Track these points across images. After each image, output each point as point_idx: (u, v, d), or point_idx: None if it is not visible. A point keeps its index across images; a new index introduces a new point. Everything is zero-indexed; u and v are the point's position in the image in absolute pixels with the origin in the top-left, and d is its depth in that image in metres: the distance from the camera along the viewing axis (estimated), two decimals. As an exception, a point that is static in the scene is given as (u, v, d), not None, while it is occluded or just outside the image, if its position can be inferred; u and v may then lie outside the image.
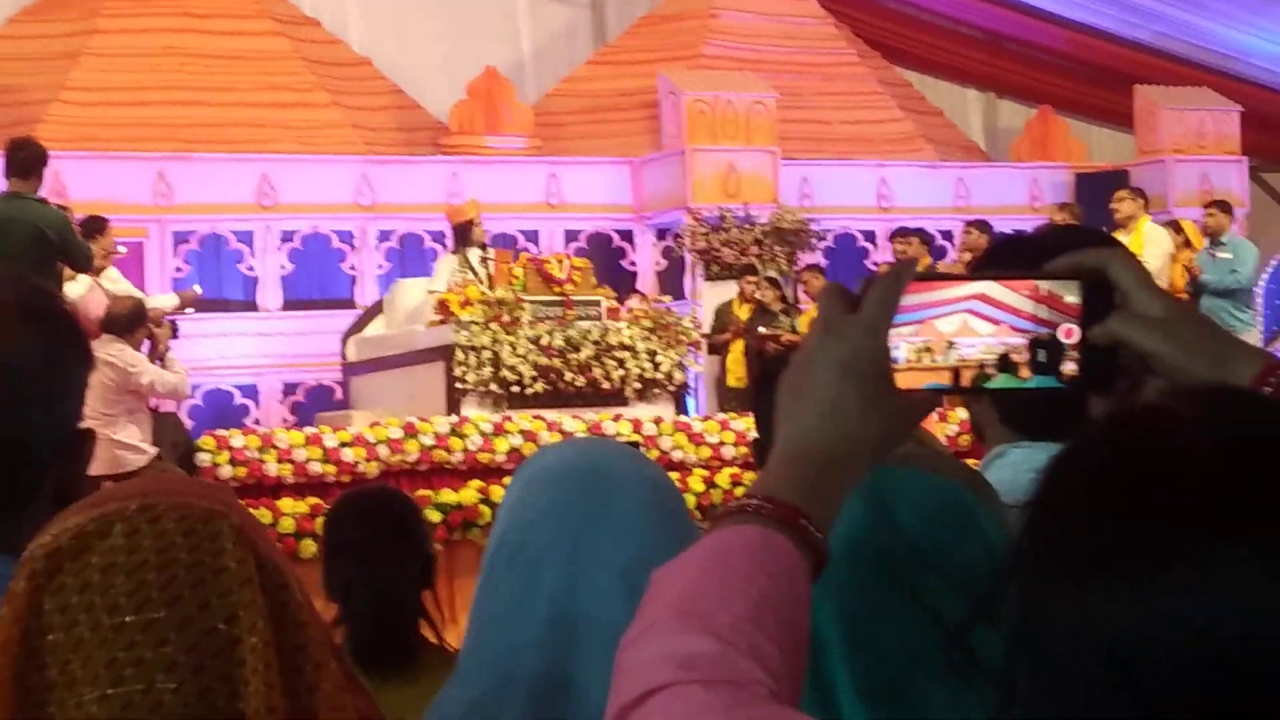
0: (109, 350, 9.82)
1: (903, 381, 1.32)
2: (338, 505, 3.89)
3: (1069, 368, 1.32)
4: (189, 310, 12.17)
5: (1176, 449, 0.97)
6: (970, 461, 2.11)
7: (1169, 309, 1.32)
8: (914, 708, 1.51)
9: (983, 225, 14.47)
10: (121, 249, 12.00)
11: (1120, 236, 13.12)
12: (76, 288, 10.59)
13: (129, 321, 10.06)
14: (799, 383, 1.31)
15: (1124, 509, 0.96)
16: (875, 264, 16.70)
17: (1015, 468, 2.05)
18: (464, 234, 13.40)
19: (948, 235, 17.38)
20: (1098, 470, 0.99)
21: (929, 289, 1.34)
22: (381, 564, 3.58)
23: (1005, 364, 1.33)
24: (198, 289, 13.37)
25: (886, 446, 1.33)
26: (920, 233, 14.88)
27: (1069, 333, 1.32)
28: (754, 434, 4.50)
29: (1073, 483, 1.00)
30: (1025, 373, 1.33)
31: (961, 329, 1.33)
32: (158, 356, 10.54)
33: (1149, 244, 13.25)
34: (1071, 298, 1.32)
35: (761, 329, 14.24)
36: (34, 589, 1.14)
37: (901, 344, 1.33)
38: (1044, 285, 1.33)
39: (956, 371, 1.33)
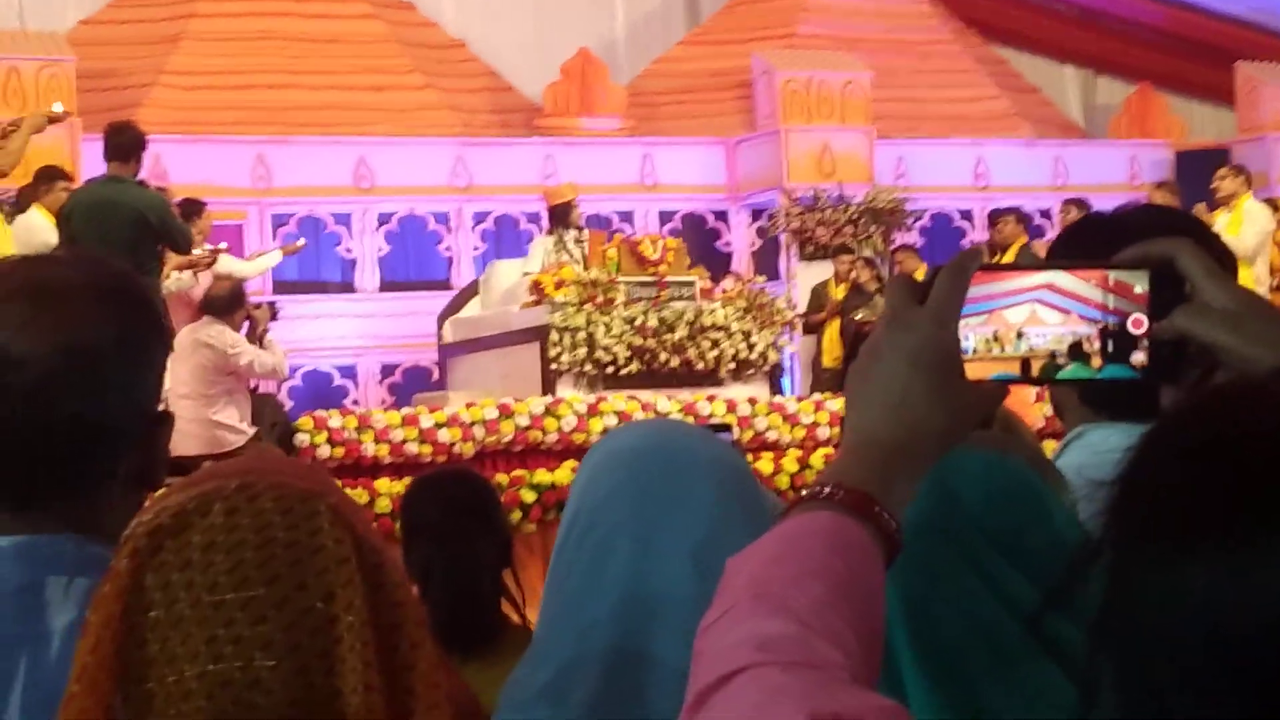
0: (208, 332, 9.94)
1: (971, 372, 1.33)
2: (415, 487, 3.91)
3: (1139, 357, 1.32)
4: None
5: (1271, 423, 0.97)
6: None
7: (1237, 300, 1.31)
8: (976, 688, 1.51)
9: (1081, 203, 14.33)
10: (223, 244, 12.11)
11: (1221, 215, 12.98)
12: (180, 283, 10.72)
13: (228, 303, 10.17)
14: (867, 374, 1.32)
15: (1221, 481, 0.95)
16: (972, 243, 16.58)
17: (1094, 448, 2.05)
18: (561, 215, 13.38)
19: (1046, 214, 17.23)
20: (1193, 443, 0.99)
21: (997, 279, 1.34)
22: (458, 546, 3.59)
23: (1076, 353, 1.33)
24: (301, 241, 13.52)
25: (955, 436, 1.33)
26: (1015, 211, 14.77)
27: (1139, 323, 1.32)
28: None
29: (1167, 456, 1.00)
30: (1096, 362, 1.33)
31: (1030, 319, 1.33)
32: (257, 338, 10.64)
33: (1248, 222, 13.06)
34: (1141, 287, 1.32)
35: (855, 317, 14.19)
36: (136, 566, 1.16)
37: (970, 334, 1.33)
38: (1114, 274, 1.32)
39: (1026, 361, 1.34)
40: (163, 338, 1.76)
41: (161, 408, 1.77)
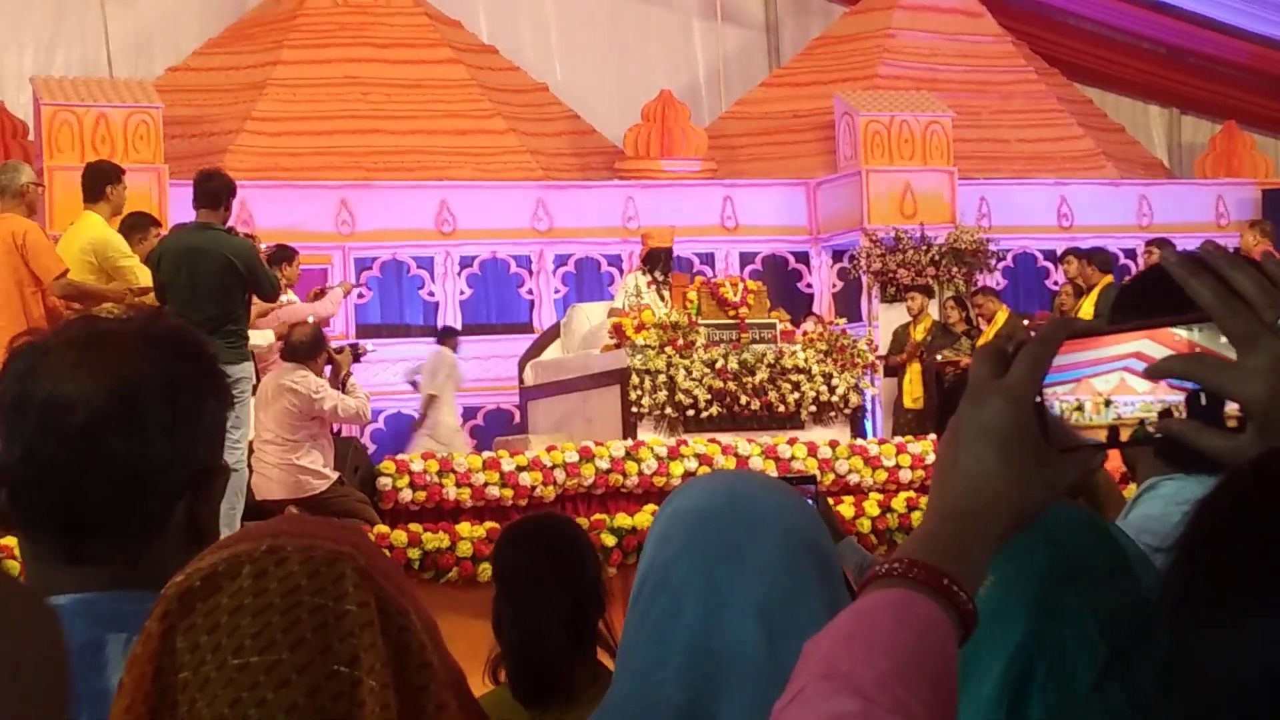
0: (292, 377, 10.01)
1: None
2: (500, 535, 3.90)
3: (1231, 420, 1.30)
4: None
5: None
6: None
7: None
8: None
9: (1163, 244, 14.22)
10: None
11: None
12: (264, 336, 10.78)
13: (310, 348, 10.24)
14: (948, 448, 1.34)
15: (1276, 542, 0.96)
16: (1056, 284, 16.48)
17: (1166, 501, 2.06)
18: (661, 259, 13.27)
19: (1131, 254, 17.09)
20: (1250, 505, 1.00)
21: (1085, 347, 1.34)
22: (527, 595, 3.56)
23: (1166, 420, 1.32)
24: (348, 284, 13.59)
25: (1033, 508, 1.33)
26: (1092, 253, 14.67)
27: None
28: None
29: (1225, 518, 1.01)
30: None
31: (1119, 387, 1.33)
32: (340, 382, 10.70)
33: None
34: (1228, 351, 1.30)
35: (939, 356, 14.14)
36: (167, 629, 1.18)
37: (1056, 403, 1.34)
38: (1198, 337, 1.31)
39: (1115, 429, 1.34)
40: (218, 390, 1.77)
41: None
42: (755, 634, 1.66)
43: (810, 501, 4.73)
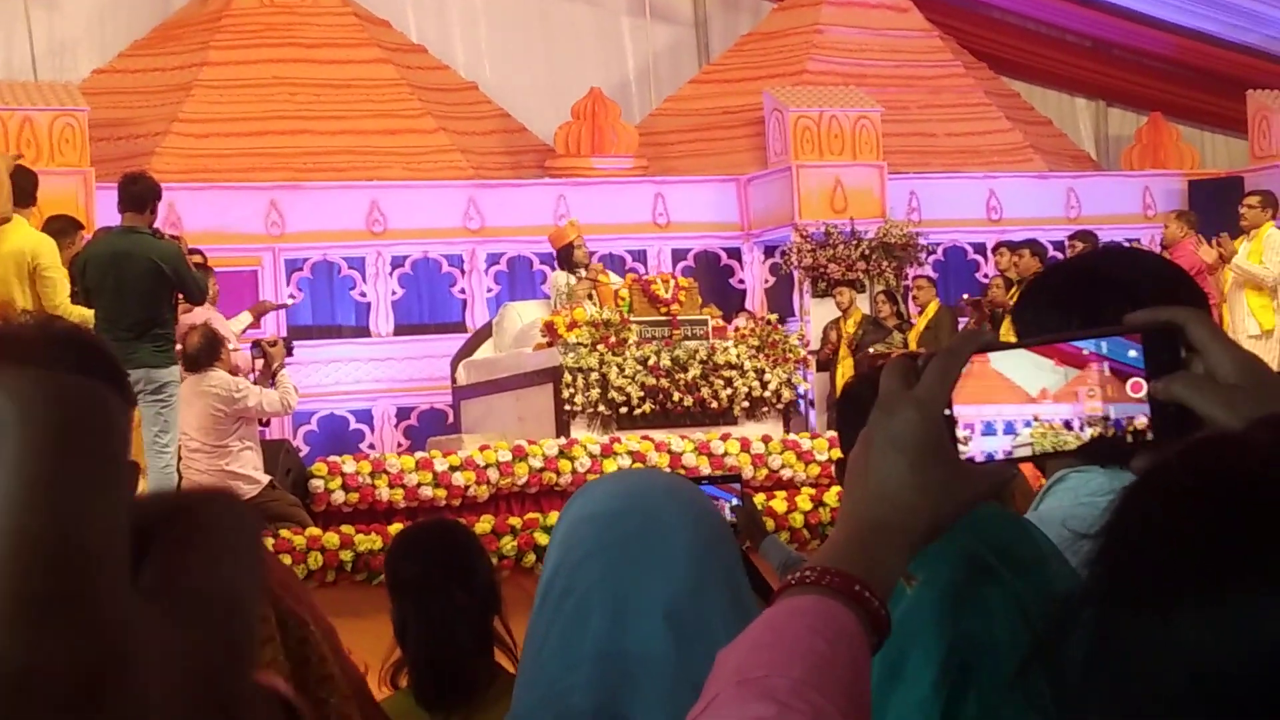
0: (208, 381, 9.92)
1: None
2: (393, 544, 3.91)
3: (1140, 420, 1.32)
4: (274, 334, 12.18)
5: (1254, 472, 0.98)
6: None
7: (1240, 371, 1.31)
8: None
9: (1086, 236, 14.36)
10: None
11: (1242, 243, 13.01)
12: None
13: (207, 353, 10.10)
14: (860, 462, 1.35)
15: (1206, 533, 0.96)
16: (986, 276, 16.59)
17: (1075, 493, 2.08)
18: (567, 256, 13.47)
19: (1060, 246, 17.21)
20: (1176, 496, 1.00)
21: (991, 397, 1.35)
22: (432, 602, 3.57)
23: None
24: (288, 300, 13.32)
25: (945, 516, 1.35)
26: (1030, 244, 14.78)
27: (1137, 387, 1.32)
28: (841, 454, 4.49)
29: (1151, 509, 1.01)
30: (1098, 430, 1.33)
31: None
32: (271, 373, 10.64)
33: (1269, 250, 13.06)
34: (1134, 352, 1.32)
35: (870, 349, 14.23)
36: None
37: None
38: (1105, 343, 1.32)
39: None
40: (123, 387, 1.76)
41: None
42: (663, 637, 1.66)
43: (737, 500, 4.73)
